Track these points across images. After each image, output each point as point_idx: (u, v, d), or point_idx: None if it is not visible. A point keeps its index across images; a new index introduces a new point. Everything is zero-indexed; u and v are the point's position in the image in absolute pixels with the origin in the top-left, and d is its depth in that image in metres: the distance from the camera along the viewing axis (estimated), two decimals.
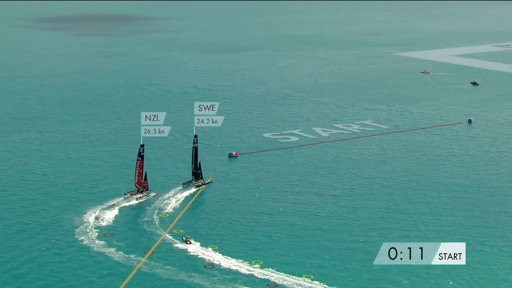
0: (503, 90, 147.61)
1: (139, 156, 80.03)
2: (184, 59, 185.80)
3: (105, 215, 77.46)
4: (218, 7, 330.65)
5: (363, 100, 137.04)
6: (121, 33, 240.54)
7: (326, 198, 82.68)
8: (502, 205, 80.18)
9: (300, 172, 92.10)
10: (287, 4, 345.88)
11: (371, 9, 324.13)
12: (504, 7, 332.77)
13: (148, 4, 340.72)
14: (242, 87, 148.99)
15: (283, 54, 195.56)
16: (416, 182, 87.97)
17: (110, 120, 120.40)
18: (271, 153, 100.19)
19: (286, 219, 76.10)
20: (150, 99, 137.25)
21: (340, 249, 68.18)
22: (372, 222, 74.84)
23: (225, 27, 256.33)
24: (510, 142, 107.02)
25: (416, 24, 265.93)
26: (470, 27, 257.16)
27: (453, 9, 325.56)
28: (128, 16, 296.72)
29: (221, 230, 73.58)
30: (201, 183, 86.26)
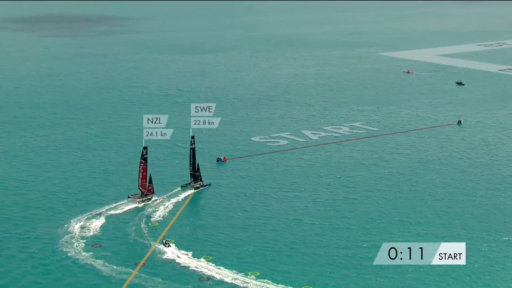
0: (489, 90, 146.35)
1: (142, 159, 77.69)
2: (165, 60, 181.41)
3: (91, 224, 73.82)
4: (191, 7, 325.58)
5: (350, 101, 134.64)
6: (96, 34, 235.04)
7: (320, 202, 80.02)
8: (502, 205, 79.14)
9: (292, 177, 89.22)
10: (263, 4, 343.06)
11: (347, 9, 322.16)
12: (481, 7, 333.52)
13: (117, 4, 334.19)
14: (226, 89, 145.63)
15: (266, 54, 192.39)
16: (414, 183, 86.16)
17: (91, 123, 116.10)
18: (261, 157, 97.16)
19: (280, 227, 73.17)
20: (132, 102, 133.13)
21: (339, 255, 65.81)
22: (371, 224, 72.80)
23: (202, 27, 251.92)
24: (502, 144, 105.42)
25: (396, 24, 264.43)
26: (451, 27, 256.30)
27: (430, 9, 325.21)
28: (101, 16, 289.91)
29: (213, 239, 70.41)
30: (200, 185, 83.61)
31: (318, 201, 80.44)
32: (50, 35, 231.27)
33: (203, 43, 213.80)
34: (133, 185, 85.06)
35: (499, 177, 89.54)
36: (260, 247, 68.00)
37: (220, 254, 66.53)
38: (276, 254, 66.59)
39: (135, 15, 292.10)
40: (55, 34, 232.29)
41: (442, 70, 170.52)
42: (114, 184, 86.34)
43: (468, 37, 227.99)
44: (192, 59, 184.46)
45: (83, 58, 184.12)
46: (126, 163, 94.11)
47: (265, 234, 71.35)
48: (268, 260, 65.29)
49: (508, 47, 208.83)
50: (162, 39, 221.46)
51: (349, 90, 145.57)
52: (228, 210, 78.19)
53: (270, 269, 63.36)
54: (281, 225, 73.39)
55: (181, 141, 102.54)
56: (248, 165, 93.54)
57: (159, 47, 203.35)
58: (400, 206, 78.86)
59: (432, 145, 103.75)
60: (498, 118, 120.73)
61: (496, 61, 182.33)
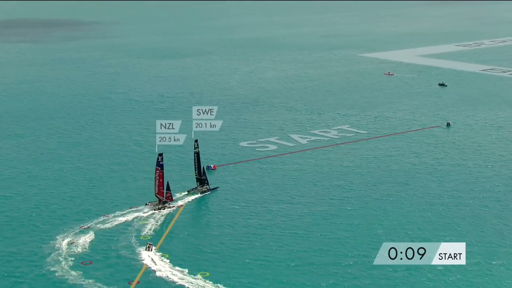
0: (474, 91, 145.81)
1: (158, 166, 76.25)
2: (144, 65, 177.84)
3: (79, 240, 70.77)
4: (155, 11, 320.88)
5: (335, 104, 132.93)
6: (64, 39, 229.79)
7: (315, 210, 78.00)
8: (501, 205, 78.77)
9: (284, 183, 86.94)
10: (234, 6, 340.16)
11: (318, 11, 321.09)
12: (453, 8, 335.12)
13: (75, 7, 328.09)
14: (209, 94, 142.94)
15: (246, 57, 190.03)
16: (412, 184, 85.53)
17: (74, 133, 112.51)
18: (251, 163, 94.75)
19: (275, 239, 70.55)
20: (113, 109, 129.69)
21: (339, 266, 63.93)
22: (371, 224, 72.48)
23: (175, 31, 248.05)
24: (493, 146, 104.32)
25: (371, 26, 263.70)
26: (427, 28, 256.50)
27: (403, 11, 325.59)
28: (62, 21, 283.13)
29: (208, 254, 67.59)
30: (206, 189, 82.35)
31: (314, 208, 78.39)
32: (15, 41, 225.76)
33: (180, 47, 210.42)
34: (123, 196, 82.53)
35: (495, 178, 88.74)
36: (256, 262, 65.51)
37: (217, 269, 63.94)
38: (272, 269, 63.98)
39: (99, 19, 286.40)
40: (21, 40, 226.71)
41: (424, 71, 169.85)
42: (102, 196, 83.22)
43: (446, 37, 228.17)
44: (171, 63, 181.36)
45: (60, 64, 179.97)
46: (113, 174, 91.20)
47: (260, 248, 68.64)
48: (265, 275, 62.77)
49: (486, 47, 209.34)
50: (136, 43, 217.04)
51: (333, 93, 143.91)
52: (222, 222, 75.53)
53: (268, 286, 61.08)
54: (274, 238, 70.82)
55: (168, 150, 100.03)
56: (239, 173, 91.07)
57: (136, 52, 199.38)
58: (399, 207, 78.45)
59: (424, 148, 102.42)
60: (486, 120, 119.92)
61: (477, 61, 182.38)
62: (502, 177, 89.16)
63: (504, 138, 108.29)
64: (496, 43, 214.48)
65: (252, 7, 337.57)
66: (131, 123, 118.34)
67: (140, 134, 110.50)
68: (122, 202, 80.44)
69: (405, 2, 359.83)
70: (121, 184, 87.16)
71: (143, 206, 79.22)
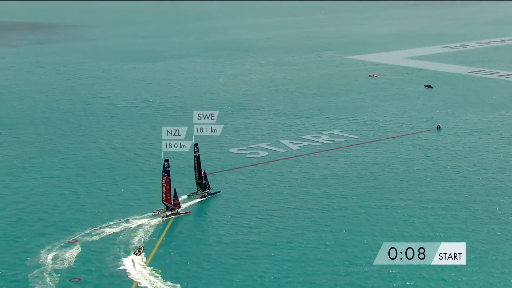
0: (462, 93, 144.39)
1: (165, 172, 74.51)
2: (127, 69, 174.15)
3: (65, 254, 67.12)
4: (126, 14, 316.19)
5: (324, 108, 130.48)
6: (47, 42, 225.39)
7: (310, 219, 75.30)
8: (501, 205, 78.36)
9: (277, 192, 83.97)
10: (214, 8, 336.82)
11: (296, 13, 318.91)
12: (431, 9, 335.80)
13: (43, 11, 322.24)
14: (194, 97, 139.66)
15: (230, 60, 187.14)
16: (410, 187, 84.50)
17: (55, 140, 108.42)
18: (243, 171, 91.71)
19: (268, 251, 67.23)
20: (95, 114, 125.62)
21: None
22: (371, 225, 71.68)
23: (158, 33, 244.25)
24: (485, 149, 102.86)
25: (352, 28, 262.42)
26: (409, 29, 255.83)
27: (382, 12, 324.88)
28: (33, 24, 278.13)
29: (200, 268, 64.55)
30: (207, 193, 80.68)
31: (308, 217, 75.63)
32: (3, 44, 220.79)
33: (162, 49, 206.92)
34: (110, 207, 79.00)
35: (492, 180, 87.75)
36: (251, 277, 62.43)
37: (208, 285, 60.80)
38: (267, 285, 61.20)
39: (76, 22, 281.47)
40: (8, 44, 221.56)
41: (410, 73, 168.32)
42: (87, 206, 79.54)
43: (432, 39, 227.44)
44: (154, 66, 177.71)
45: (39, 68, 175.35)
46: (98, 183, 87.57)
47: (254, 261, 65.48)
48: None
49: (472, 48, 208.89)
50: (118, 46, 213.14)
51: (320, 96, 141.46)
52: (215, 233, 72.49)
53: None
54: (268, 250, 67.64)
55: (153, 157, 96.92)
56: (230, 180, 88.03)
57: (118, 55, 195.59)
58: (400, 206, 77.94)
59: (417, 152, 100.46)
60: (477, 123, 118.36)
61: (464, 63, 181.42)
62: (499, 179, 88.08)
63: (496, 141, 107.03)
64: (481, 45, 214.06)
65: (232, 9, 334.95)
66: (115, 129, 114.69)
67: (124, 141, 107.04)
68: (109, 213, 76.94)
69: (383, 3, 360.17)
70: (107, 194, 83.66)
71: (131, 216, 75.90)
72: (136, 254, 65.89)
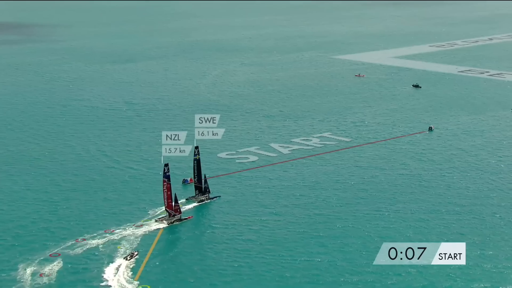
0: (450, 93, 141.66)
1: (165, 177, 72.63)
2: (108, 70, 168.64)
3: (45, 269, 62.52)
4: (96, 14, 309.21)
5: (311, 109, 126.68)
6: (24, 42, 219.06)
7: (309, 219, 72.84)
8: (500, 205, 77.10)
9: (270, 199, 79.92)
10: (194, 7, 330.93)
11: (277, 12, 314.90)
12: (414, 8, 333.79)
13: (26, 10, 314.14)
14: (179, 99, 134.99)
15: (214, 60, 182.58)
16: (408, 187, 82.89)
17: (33, 145, 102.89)
18: (233, 177, 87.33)
19: (259, 268, 62.94)
20: (74, 118, 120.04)
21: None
22: (371, 225, 70.39)
23: (138, 33, 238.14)
24: (479, 150, 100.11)
25: (335, 27, 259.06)
26: (394, 28, 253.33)
27: (364, 11, 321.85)
28: (16, 24, 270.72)
29: (191, 283, 60.33)
30: (206, 198, 78.09)
31: (303, 228, 71.87)
32: None
33: (143, 49, 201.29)
34: (93, 218, 74.24)
35: (490, 181, 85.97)
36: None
37: None
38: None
39: (49, 22, 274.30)
40: None
41: (398, 73, 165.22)
42: (69, 217, 74.75)
43: (418, 38, 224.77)
44: (136, 67, 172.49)
45: (16, 70, 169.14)
46: (80, 192, 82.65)
47: (245, 279, 61.69)
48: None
49: (459, 47, 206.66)
50: (95, 47, 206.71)
51: (307, 97, 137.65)
52: (204, 245, 68.45)
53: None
54: (258, 267, 63.58)
55: (136, 163, 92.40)
56: (219, 187, 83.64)
57: (96, 56, 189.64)
58: (399, 206, 76.68)
59: (411, 155, 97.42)
60: (468, 125, 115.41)
61: (453, 62, 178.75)
62: (497, 180, 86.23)
63: (489, 142, 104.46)
64: (469, 44, 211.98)
65: (211, 9, 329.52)
66: (96, 133, 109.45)
67: (106, 146, 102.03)
68: (92, 224, 72.30)
69: (360, 3, 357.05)
70: (89, 203, 78.80)
71: (116, 227, 71.35)
72: (126, 259, 62.73)
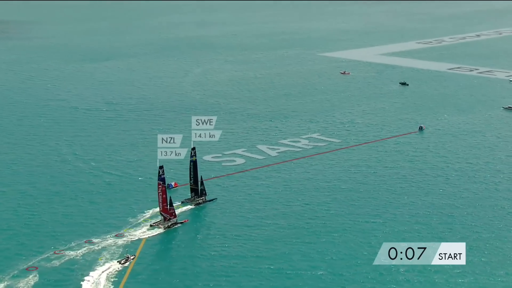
0: (438, 91, 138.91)
1: (160, 180, 70.89)
2: (87, 68, 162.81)
3: (19, 284, 58.27)
4: (62, 10, 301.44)
5: (299, 109, 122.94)
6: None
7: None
8: (500, 205, 75.74)
9: (258, 206, 75.94)
10: (164, 4, 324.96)
11: (255, 9, 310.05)
12: (396, 5, 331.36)
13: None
14: (161, 99, 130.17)
15: (196, 58, 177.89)
16: (406, 188, 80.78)
17: (8, 148, 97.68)
18: (217, 181, 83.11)
19: (248, 275, 59.84)
20: (52, 119, 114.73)
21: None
22: (371, 225, 69.17)
23: (116, 31, 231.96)
24: (472, 150, 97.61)
25: (316, 24, 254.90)
26: (378, 26, 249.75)
27: (346, 8, 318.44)
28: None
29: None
30: (202, 200, 75.65)
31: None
32: None
33: (123, 47, 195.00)
34: (71, 227, 69.77)
35: (488, 181, 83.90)
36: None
37: None
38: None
39: (26, 19, 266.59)
40: None
41: (385, 71, 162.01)
42: (46, 226, 70.26)
43: (405, 35, 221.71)
44: (116, 65, 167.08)
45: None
46: (57, 199, 77.98)
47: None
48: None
49: (447, 44, 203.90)
50: (73, 45, 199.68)
51: (293, 96, 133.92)
52: (187, 254, 64.74)
53: None
54: (251, 273, 60.37)
55: (112, 166, 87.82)
56: (219, 189, 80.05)
57: (75, 54, 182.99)
58: (400, 206, 75.21)
59: (403, 156, 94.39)
60: (459, 124, 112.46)
61: (441, 59, 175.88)
62: (495, 179, 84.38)
63: (483, 142, 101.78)
64: (457, 40, 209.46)
65: (188, 5, 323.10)
66: (74, 136, 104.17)
67: (85, 149, 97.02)
68: (70, 233, 67.92)
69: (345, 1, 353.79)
70: (67, 211, 74.29)
71: (96, 236, 67.02)
72: (120, 263, 60.64)
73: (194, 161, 76.67)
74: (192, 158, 76.60)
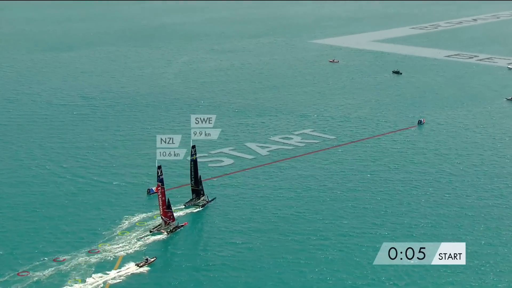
0: (435, 80, 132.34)
1: (159, 181, 68.56)
2: (61, 58, 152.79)
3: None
4: None
5: (289, 102, 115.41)
6: None
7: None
8: (500, 205, 73.15)
9: (249, 210, 69.73)
10: None
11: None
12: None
13: None
14: (143, 92, 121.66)
15: (180, 46, 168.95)
16: (407, 187, 77.14)
17: None
18: (206, 185, 75.17)
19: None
20: (21, 115, 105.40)
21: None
22: (371, 225, 67.16)
23: (87, 16, 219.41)
24: (475, 145, 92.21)
25: (309, 7, 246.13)
26: (367, 11, 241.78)
27: None
28: None
29: None
30: (206, 202, 73.03)
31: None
32: None
33: (98, 35, 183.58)
34: (37, 243, 61.96)
35: (488, 180, 79.91)
36: None
37: None
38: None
39: None
40: None
41: (379, 58, 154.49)
42: (7, 244, 62.14)
43: (398, 20, 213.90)
44: (92, 54, 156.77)
45: None
46: (19, 208, 70.09)
47: None
48: None
49: (443, 29, 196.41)
50: (40, 32, 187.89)
51: (282, 88, 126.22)
52: (173, 264, 59.89)
53: None
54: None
55: (84, 167, 79.71)
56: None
57: (46, 42, 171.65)
58: (400, 206, 72.43)
59: (404, 151, 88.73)
60: (460, 117, 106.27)
61: (438, 45, 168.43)
62: (496, 178, 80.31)
63: (487, 137, 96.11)
64: (453, 25, 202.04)
65: None
66: (45, 134, 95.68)
67: (59, 150, 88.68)
68: (35, 251, 60.54)
69: None
70: (32, 225, 66.42)
71: (65, 254, 59.57)
72: (139, 266, 58.25)
73: (195, 160, 73.33)
74: (192, 157, 73.55)
